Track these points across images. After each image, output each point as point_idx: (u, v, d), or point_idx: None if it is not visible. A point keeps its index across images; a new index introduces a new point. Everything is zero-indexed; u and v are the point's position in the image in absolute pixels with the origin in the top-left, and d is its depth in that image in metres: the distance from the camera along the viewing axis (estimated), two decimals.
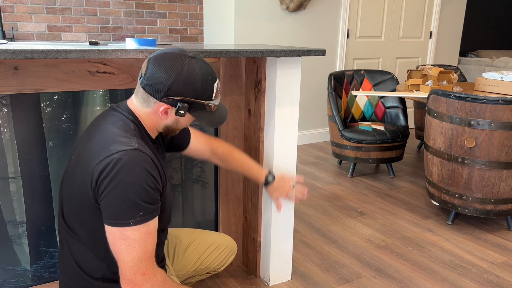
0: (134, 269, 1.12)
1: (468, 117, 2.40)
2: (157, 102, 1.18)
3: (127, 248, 1.11)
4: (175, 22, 4.18)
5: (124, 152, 1.10)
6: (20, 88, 1.47)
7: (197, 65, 1.17)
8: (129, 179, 1.08)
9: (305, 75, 4.38)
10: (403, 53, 5.01)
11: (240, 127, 2.00)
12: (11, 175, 1.53)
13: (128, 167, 1.09)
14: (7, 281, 1.61)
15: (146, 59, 1.20)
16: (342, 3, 4.36)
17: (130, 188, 1.08)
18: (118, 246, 1.12)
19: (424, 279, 2.12)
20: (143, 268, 1.13)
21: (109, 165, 1.08)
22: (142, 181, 1.10)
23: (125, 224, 1.10)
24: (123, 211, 1.09)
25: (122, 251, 1.12)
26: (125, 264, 1.12)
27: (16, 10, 3.48)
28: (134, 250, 1.12)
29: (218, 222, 2.08)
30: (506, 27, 7.64)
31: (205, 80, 1.18)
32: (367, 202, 3.06)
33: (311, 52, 1.76)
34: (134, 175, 1.09)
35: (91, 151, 1.14)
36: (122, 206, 1.09)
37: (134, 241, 1.11)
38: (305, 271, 2.17)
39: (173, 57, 1.16)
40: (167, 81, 1.14)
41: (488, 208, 2.52)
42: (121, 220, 1.10)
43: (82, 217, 1.19)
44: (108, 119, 1.20)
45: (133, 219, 1.10)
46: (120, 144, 1.11)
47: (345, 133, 3.42)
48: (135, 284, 1.13)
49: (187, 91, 1.16)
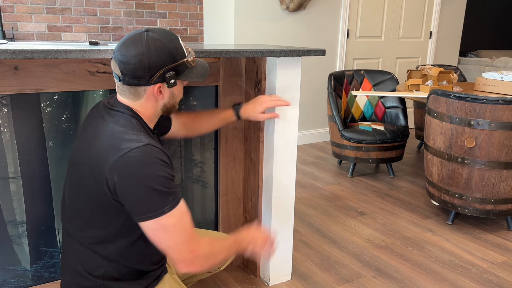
0: (183, 251, 1.16)
1: (468, 117, 2.40)
2: (147, 88, 1.19)
3: (169, 235, 1.14)
4: (175, 22, 4.18)
5: (138, 149, 1.11)
6: (20, 88, 1.47)
7: (156, 34, 1.18)
8: (150, 172, 1.10)
9: (305, 75, 4.38)
10: (403, 53, 5.01)
11: (240, 127, 2.00)
12: (11, 175, 1.53)
13: (146, 161, 1.10)
14: (7, 281, 1.61)
15: (111, 60, 1.21)
16: (342, 3, 4.36)
17: (154, 180, 1.10)
18: (160, 237, 1.14)
19: (424, 279, 2.12)
20: (189, 247, 1.17)
21: (127, 164, 1.09)
22: (161, 171, 1.12)
23: (160, 214, 1.11)
24: (154, 202, 1.10)
25: (166, 240, 1.14)
26: (173, 250, 1.15)
27: (16, 10, 3.48)
28: (176, 234, 1.14)
29: (218, 222, 2.08)
30: (506, 27, 7.64)
31: (170, 41, 1.19)
32: (367, 202, 3.06)
33: (311, 52, 1.76)
34: (154, 167, 1.11)
35: (99, 151, 1.14)
36: (152, 198, 1.10)
37: (174, 227, 1.13)
38: (305, 271, 2.17)
39: (133, 41, 1.16)
40: (143, 63, 1.15)
41: (488, 208, 2.52)
42: (154, 211, 1.11)
43: (89, 216, 1.20)
44: (108, 119, 1.20)
45: (166, 206, 1.12)
46: (130, 142, 1.12)
47: (345, 133, 3.42)
48: (189, 263, 1.17)
49: (164, 60, 1.17)
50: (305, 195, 3.16)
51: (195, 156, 1.93)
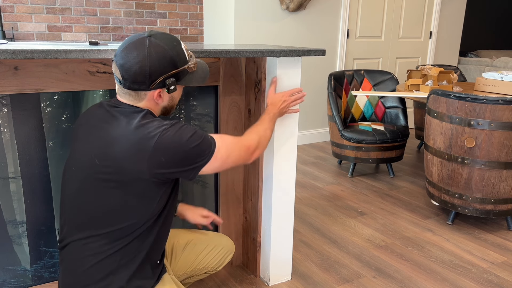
0: (246, 155, 1.38)
1: (468, 117, 2.40)
2: (147, 93, 1.22)
3: (228, 158, 1.30)
4: (175, 22, 4.18)
5: (165, 129, 1.19)
6: (20, 88, 1.47)
7: (158, 39, 1.20)
8: (185, 138, 1.20)
9: (305, 75, 4.38)
10: (403, 53, 5.01)
11: (240, 127, 2.00)
12: (11, 175, 1.53)
13: (177, 134, 1.19)
14: (7, 281, 1.61)
15: (112, 62, 1.23)
16: (342, 3, 4.36)
17: (191, 141, 1.21)
18: (225, 163, 1.30)
19: (424, 279, 2.12)
20: (246, 150, 1.38)
21: (167, 143, 1.17)
22: (190, 131, 1.22)
23: (212, 152, 1.25)
24: (203, 151, 1.23)
25: (230, 161, 1.32)
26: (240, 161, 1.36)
27: (16, 10, 3.48)
28: (233, 152, 1.32)
29: None
30: (506, 27, 7.64)
31: (173, 47, 1.21)
32: (367, 202, 3.06)
33: (311, 52, 1.76)
34: (185, 134, 1.21)
35: (128, 149, 1.16)
36: (199, 151, 1.22)
37: (226, 150, 1.29)
38: (305, 271, 2.17)
39: (135, 46, 1.18)
40: (144, 70, 1.17)
41: (488, 208, 2.52)
42: (208, 155, 1.24)
43: (101, 216, 1.20)
44: (120, 117, 1.21)
45: (212, 146, 1.26)
46: (156, 128, 1.19)
47: (345, 133, 3.42)
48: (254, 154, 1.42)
49: (166, 67, 1.20)
50: (305, 195, 3.16)
51: None
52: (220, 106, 1.91)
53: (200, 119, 1.89)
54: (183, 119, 1.85)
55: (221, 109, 1.91)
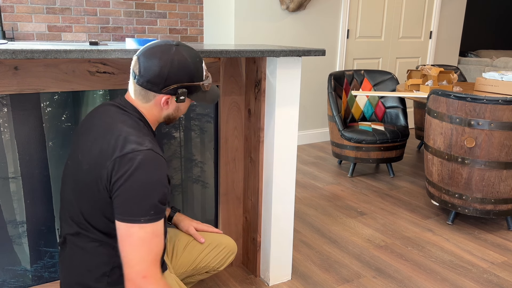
0: (136, 271, 1.11)
1: (468, 117, 2.40)
2: (157, 95, 1.24)
3: (131, 247, 1.11)
4: (175, 22, 4.18)
5: (140, 152, 1.12)
6: (20, 88, 1.47)
7: (184, 51, 1.24)
8: (146, 178, 1.11)
9: (305, 75, 4.38)
10: (403, 53, 5.01)
11: (240, 127, 2.00)
12: (11, 175, 1.53)
13: (144, 166, 1.11)
14: (7, 281, 1.61)
15: (134, 57, 1.25)
16: (342, 3, 4.36)
17: (147, 186, 1.11)
18: (124, 244, 1.12)
19: (424, 279, 2.12)
20: (144, 270, 1.11)
21: (126, 164, 1.11)
22: (157, 180, 1.12)
23: (134, 221, 1.10)
24: (136, 208, 1.10)
25: (126, 250, 1.12)
26: (128, 265, 1.12)
27: (16, 10, 3.48)
28: (138, 249, 1.11)
29: (218, 222, 2.08)
30: (506, 27, 7.64)
31: (194, 62, 1.24)
32: (367, 202, 3.06)
33: (311, 52, 1.76)
34: (150, 174, 1.12)
35: (103, 149, 1.16)
36: (136, 203, 1.10)
37: (139, 240, 1.11)
38: (305, 271, 2.17)
39: (161, 50, 1.21)
40: (163, 73, 1.20)
41: (488, 208, 2.52)
42: (131, 216, 1.11)
43: (93, 214, 1.21)
44: (116, 119, 1.22)
45: (144, 217, 1.11)
46: (134, 144, 1.14)
47: (345, 133, 3.42)
48: (137, 286, 1.12)
49: (183, 77, 1.22)
50: (305, 195, 3.16)
51: (195, 156, 1.93)
52: (220, 106, 1.91)
53: (200, 119, 1.89)
54: (183, 119, 1.85)
55: (221, 109, 1.92)
